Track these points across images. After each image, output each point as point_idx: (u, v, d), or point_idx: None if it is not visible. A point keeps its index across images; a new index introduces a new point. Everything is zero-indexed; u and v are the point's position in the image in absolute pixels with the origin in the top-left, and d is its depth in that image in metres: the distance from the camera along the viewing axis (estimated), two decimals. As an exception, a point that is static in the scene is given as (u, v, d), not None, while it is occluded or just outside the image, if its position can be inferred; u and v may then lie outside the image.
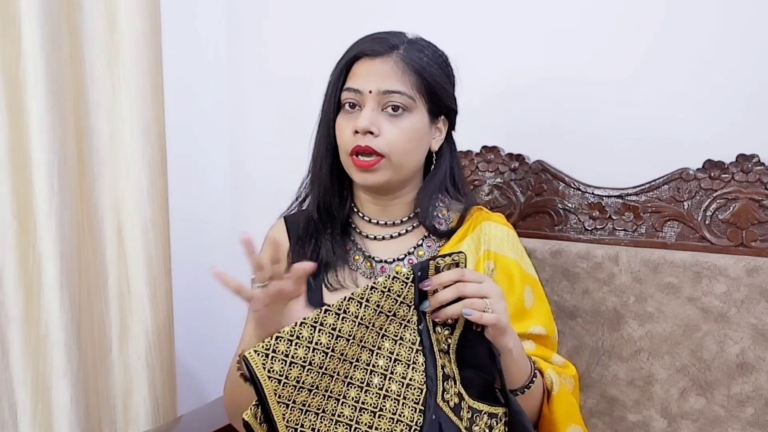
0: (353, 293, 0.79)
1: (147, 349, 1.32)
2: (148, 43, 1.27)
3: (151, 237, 1.30)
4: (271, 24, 1.68)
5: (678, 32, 1.17)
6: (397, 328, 0.82)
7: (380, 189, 1.01)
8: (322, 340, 0.76)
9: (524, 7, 1.31)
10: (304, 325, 0.76)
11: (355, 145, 0.96)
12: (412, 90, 0.97)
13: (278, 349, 0.75)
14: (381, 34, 1.01)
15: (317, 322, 0.77)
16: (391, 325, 0.82)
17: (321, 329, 0.77)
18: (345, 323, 0.78)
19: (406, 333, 0.82)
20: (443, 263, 0.82)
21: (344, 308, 0.78)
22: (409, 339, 0.82)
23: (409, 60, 0.97)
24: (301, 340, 0.75)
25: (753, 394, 1.07)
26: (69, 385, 1.19)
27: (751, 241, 1.11)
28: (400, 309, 0.82)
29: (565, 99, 1.28)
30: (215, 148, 1.77)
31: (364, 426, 0.79)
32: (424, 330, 0.83)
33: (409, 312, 0.82)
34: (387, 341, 0.82)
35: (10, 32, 1.14)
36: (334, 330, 0.77)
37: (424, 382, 0.81)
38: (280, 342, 0.75)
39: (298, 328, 0.76)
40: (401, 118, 0.97)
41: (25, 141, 1.15)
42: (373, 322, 0.80)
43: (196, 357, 1.70)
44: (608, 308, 1.17)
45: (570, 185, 1.26)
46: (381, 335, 0.81)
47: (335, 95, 1.00)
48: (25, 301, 1.17)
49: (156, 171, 1.30)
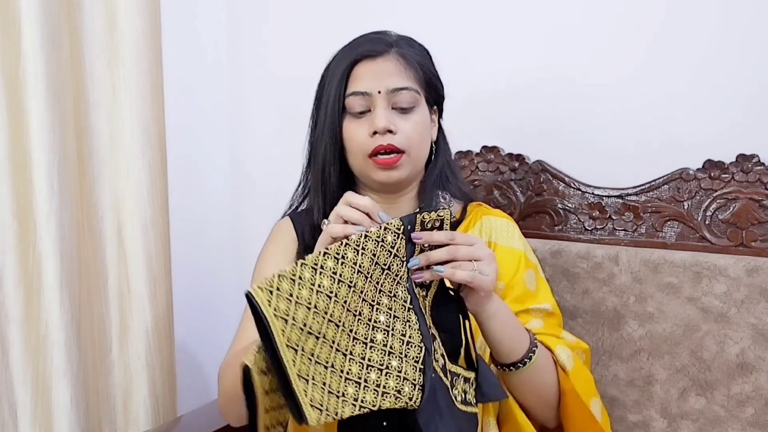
0: (349, 239, 0.75)
1: (147, 349, 1.32)
2: (148, 43, 1.27)
3: (151, 237, 1.30)
4: (271, 24, 1.68)
5: (678, 32, 1.17)
6: (391, 284, 0.79)
7: (398, 186, 1.01)
8: (324, 282, 0.72)
9: (524, 7, 1.31)
10: (305, 266, 0.71)
11: (376, 145, 0.96)
12: (415, 83, 0.98)
13: (282, 287, 0.69)
14: (370, 35, 1.01)
15: (317, 264, 0.72)
16: (386, 280, 0.79)
17: (322, 272, 0.72)
18: (345, 268, 0.74)
19: (398, 290, 0.80)
20: (428, 218, 0.81)
21: (342, 253, 0.74)
22: (401, 296, 0.80)
23: (406, 54, 0.99)
24: (303, 280, 0.70)
25: (753, 394, 1.07)
26: (69, 385, 1.19)
27: (751, 241, 1.11)
28: (394, 262, 0.79)
29: (566, 99, 1.28)
30: (215, 148, 1.77)
31: (373, 385, 0.75)
32: (410, 288, 0.81)
33: (402, 268, 0.80)
34: (384, 297, 0.78)
35: (10, 32, 1.13)
36: (335, 274, 0.73)
37: (422, 340, 0.79)
38: (284, 280, 0.69)
39: (299, 269, 0.71)
40: (412, 113, 0.98)
41: (25, 141, 1.15)
42: (371, 273, 0.77)
43: (196, 357, 1.70)
44: (608, 308, 1.17)
45: (570, 185, 1.26)
46: (378, 290, 0.78)
47: (339, 101, 0.98)
48: (25, 301, 1.17)
49: (156, 171, 1.30)
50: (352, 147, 0.99)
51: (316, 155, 1.03)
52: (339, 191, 1.01)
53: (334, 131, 0.99)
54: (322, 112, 1.01)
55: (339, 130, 0.99)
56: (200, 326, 1.69)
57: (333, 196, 1.02)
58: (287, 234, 1.07)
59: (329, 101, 0.99)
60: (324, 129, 1.00)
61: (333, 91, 0.98)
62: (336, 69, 0.99)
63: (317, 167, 1.02)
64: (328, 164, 1.01)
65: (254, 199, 1.77)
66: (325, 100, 1.00)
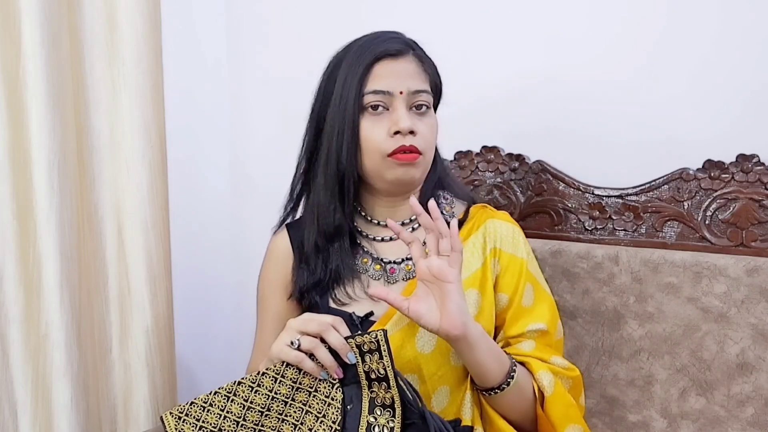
0: (267, 368, 0.85)
1: (147, 349, 1.32)
2: (148, 43, 1.27)
3: (151, 237, 1.30)
4: (271, 24, 1.68)
5: (678, 33, 1.17)
6: (321, 405, 0.85)
7: (411, 185, 1.01)
8: (233, 409, 0.85)
9: (525, 9, 1.31)
10: (217, 393, 0.85)
11: (398, 146, 0.95)
12: (429, 87, 1.00)
13: (190, 413, 0.85)
14: (389, 33, 1.00)
15: (230, 392, 0.85)
16: (314, 400, 0.86)
17: (233, 399, 0.85)
18: (258, 396, 0.85)
19: (329, 410, 0.85)
20: (362, 341, 0.84)
21: (258, 381, 0.85)
22: (330, 417, 0.85)
23: (423, 58, 1.00)
24: (213, 407, 0.85)
25: (753, 394, 1.07)
26: (69, 385, 1.19)
27: (751, 241, 1.11)
28: (321, 385, 0.86)
29: (566, 99, 1.28)
30: (215, 148, 1.77)
31: None
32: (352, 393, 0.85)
33: (332, 389, 0.85)
34: (310, 417, 0.85)
35: (10, 32, 1.13)
36: (245, 401, 0.85)
37: None
38: (194, 407, 0.85)
39: (211, 396, 0.85)
40: (427, 116, 0.99)
41: (25, 141, 1.15)
42: (293, 396, 0.85)
43: (196, 357, 1.70)
44: (608, 308, 1.17)
45: (570, 185, 1.26)
46: (305, 411, 0.86)
47: (358, 98, 0.95)
48: (25, 301, 1.17)
49: (156, 171, 1.30)
50: (368, 146, 0.96)
51: (329, 155, 0.99)
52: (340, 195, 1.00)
53: (354, 129, 0.96)
54: (336, 109, 0.97)
55: (357, 129, 0.97)
56: (200, 326, 1.69)
57: (349, 198, 1.00)
58: (282, 250, 1.08)
59: (347, 98, 0.96)
60: (341, 127, 0.97)
61: (351, 88, 0.96)
62: (354, 65, 0.96)
63: (331, 168, 0.99)
64: (350, 164, 0.98)
65: (254, 199, 1.77)
66: (341, 97, 0.97)
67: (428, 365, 0.96)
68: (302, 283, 1.03)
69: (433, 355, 0.97)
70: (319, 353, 0.84)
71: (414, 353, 0.96)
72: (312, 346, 0.84)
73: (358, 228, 1.05)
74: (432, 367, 0.96)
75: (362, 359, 0.84)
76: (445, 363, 0.98)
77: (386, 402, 0.84)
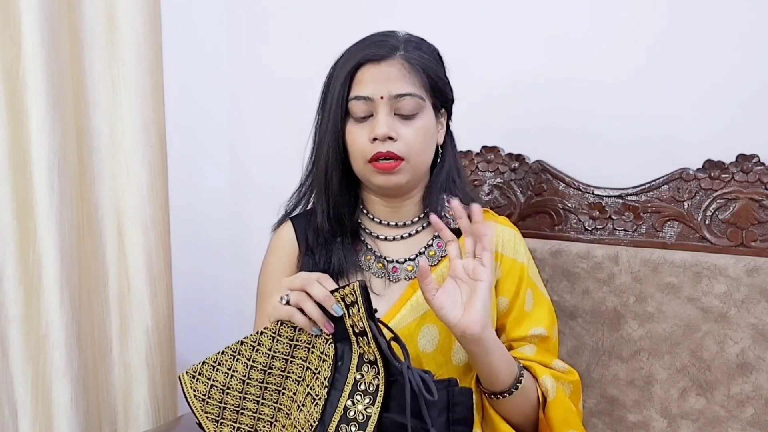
0: (266, 327, 0.86)
1: (147, 349, 1.32)
2: (148, 43, 1.27)
3: (151, 237, 1.30)
4: (271, 24, 1.68)
5: (678, 33, 1.17)
6: (317, 361, 0.85)
7: (398, 190, 1.01)
8: (238, 368, 0.87)
9: (525, 9, 1.31)
10: (224, 353, 0.87)
11: (375, 152, 0.95)
12: (420, 89, 0.97)
13: (203, 372, 0.88)
14: (377, 37, 1.00)
15: (235, 351, 0.87)
16: (312, 356, 0.86)
17: (238, 358, 0.87)
18: (258, 354, 0.86)
19: (323, 366, 0.85)
20: (344, 293, 0.83)
21: (258, 340, 0.87)
22: (323, 373, 0.85)
23: (412, 59, 0.97)
24: (221, 366, 0.87)
25: (753, 394, 1.07)
26: (69, 385, 1.19)
27: (751, 241, 1.11)
28: (317, 341, 0.86)
29: (566, 99, 1.28)
30: (215, 148, 1.77)
31: None
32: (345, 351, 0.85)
33: (326, 345, 0.85)
34: (309, 373, 0.86)
35: (10, 32, 1.13)
36: (248, 360, 0.87)
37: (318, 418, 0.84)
38: (205, 366, 0.88)
39: (219, 356, 0.87)
40: (414, 120, 0.97)
41: (25, 141, 1.15)
42: (292, 353, 0.87)
43: (196, 357, 1.69)
44: (608, 308, 1.17)
45: (570, 185, 1.26)
46: (305, 368, 0.86)
47: (342, 104, 0.97)
48: (25, 301, 1.17)
49: (156, 171, 1.30)
50: (353, 152, 0.98)
51: (318, 157, 1.02)
52: (342, 193, 1.02)
53: (337, 134, 0.98)
54: (326, 113, 1.00)
55: (342, 134, 0.98)
56: (200, 326, 1.69)
57: (336, 201, 1.01)
58: (286, 242, 1.07)
59: (333, 104, 0.98)
60: (327, 131, 0.99)
61: (336, 93, 0.98)
62: (340, 71, 0.98)
63: (320, 169, 1.01)
64: (331, 167, 1.00)
65: (254, 199, 1.77)
66: (329, 102, 0.99)
67: (430, 364, 0.97)
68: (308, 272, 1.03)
69: (434, 354, 0.98)
70: (306, 306, 0.83)
71: (416, 352, 0.97)
72: (299, 299, 0.84)
73: (362, 225, 1.05)
74: (433, 366, 0.97)
75: (348, 313, 0.82)
76: (447, 362, 0.98)
77: (371, 358, 0.82)
